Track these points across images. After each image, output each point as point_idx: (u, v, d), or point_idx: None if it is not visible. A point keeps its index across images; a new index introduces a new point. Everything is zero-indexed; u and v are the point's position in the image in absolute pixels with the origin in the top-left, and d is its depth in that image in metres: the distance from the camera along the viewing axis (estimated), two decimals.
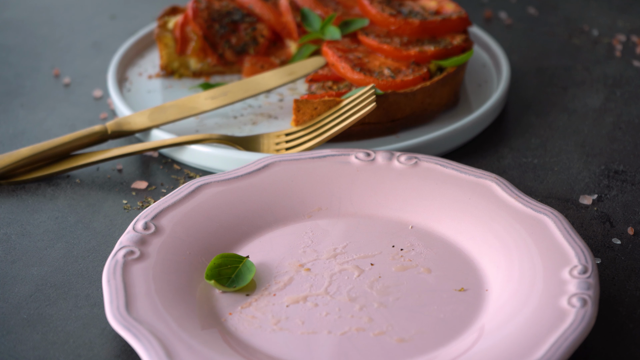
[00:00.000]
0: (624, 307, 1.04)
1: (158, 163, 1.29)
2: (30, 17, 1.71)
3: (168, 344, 0.93)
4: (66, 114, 1.41)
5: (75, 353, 0.98)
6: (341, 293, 1.03)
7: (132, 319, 0.95)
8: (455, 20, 1.40)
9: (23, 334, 1.01)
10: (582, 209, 1.20)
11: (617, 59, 1.56)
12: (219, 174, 1.16)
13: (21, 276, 1.09)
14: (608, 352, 0.99)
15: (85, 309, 1.04)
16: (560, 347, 0.92)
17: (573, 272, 1.01)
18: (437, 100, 1.34)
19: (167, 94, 1.43)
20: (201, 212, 1.11)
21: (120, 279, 1.00)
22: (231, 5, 1.46)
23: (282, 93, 1.43)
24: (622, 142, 1.34)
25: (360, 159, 1.18)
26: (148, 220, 1.08)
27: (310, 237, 1.11)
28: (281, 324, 0.99)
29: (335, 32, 1.40)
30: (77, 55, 1.58)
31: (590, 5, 1.74)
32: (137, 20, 1.68)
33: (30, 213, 1.19)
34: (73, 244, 1.14)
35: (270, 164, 1.18)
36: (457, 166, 1.17)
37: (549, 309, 0.97)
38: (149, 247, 1.05)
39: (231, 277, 1.04)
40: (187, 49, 1.44)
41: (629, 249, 1.13)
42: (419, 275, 1.05)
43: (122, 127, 1.29)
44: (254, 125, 1.35)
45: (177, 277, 1.03)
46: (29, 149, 1.25)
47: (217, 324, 0.99)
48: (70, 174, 1.27)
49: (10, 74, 1.52)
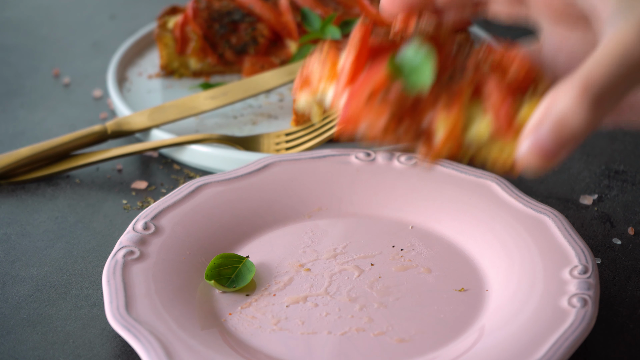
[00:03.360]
0: (624, 307, 1.04)
1: (158, 163, 1.29)
2: (30, 17, 1.71)
3: (168, 344, 0.93)
4: (66, 114, 1.41)
5: (75, 353, 0.98)
6: (341, 293, 1.03)
7: (132, 319, 0.95)
8: None
9: (23, 334, 1.01)
10: (582, 209, 1.20)
11: None
12: (219, 174, 1.16)
13: (21, 276, 1.09)
14: (608, 352, 0.99)
15: (85, 309, 1.04)
16: (561, 347, 0.92)
17: (573, 272, 1.00)
18: None
19: (167, 94, 1.43)
20: (201, 212, 1.11)
21: (120, 279, 1.00)
22: (231, 5, 1.46)
23: (282, 93, 1.43)
24: (622, 142, 1.34)
25: (360, 159, 1.18)
26: (148, 220, 1.08)
27: (310, 237, 1.11)
28: (281, 324, 0.99)
29: (335, 32, 1.39)
30: (77, 55, 1.58)
31: None
32: (137, 20, 1.68)
33: (30, 213, 1.19)
34: (73, 244, 1.14)
35: (270, 164, 1.18)
36: (457, 166, 1.17)
37: (549, 309, 0.97)
38: (149, 247, 1.05)
39: (231, 277, 1.04)
40: (187, 48, 1.44)
41: (630, 249, 1.13)
42: (419, 276, 1.05)
43: (122, 127, 1.29)
44: (254, 125, 1.35)
45: (177, 277, 1.03)
46: (29, 148, 1.25)
47: (217, 324, 0.99)
48: (70, 174, 1.27)
49: (10, 74, 1.52)
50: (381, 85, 0.83)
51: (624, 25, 0.81)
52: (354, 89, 0.84)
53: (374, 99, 0.83)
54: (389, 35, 0.89)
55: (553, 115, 0.78)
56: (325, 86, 0.88)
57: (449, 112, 0.83)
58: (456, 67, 0.85)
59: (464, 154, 0.84)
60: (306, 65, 0.89)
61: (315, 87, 0.89)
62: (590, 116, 0.78)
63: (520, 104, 0.82)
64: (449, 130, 0.83)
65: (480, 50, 0.87)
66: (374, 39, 0.88)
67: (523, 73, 0.84)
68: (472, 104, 0.83)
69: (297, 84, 0.89)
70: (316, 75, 0.88)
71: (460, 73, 0.84)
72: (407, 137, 0.83)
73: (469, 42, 0.90)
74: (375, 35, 0.88)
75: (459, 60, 0.87)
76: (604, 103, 0.78)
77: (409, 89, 0.83)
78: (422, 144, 0.84)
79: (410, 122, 0.83)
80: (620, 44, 0.80)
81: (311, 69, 0.89)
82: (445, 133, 0.83)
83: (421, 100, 0.83)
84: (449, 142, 0.83)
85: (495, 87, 0.82)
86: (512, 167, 0.83)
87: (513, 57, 0.86)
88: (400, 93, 0.83)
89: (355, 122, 0.83)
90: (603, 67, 0.79)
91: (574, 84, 0.78)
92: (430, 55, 0.83)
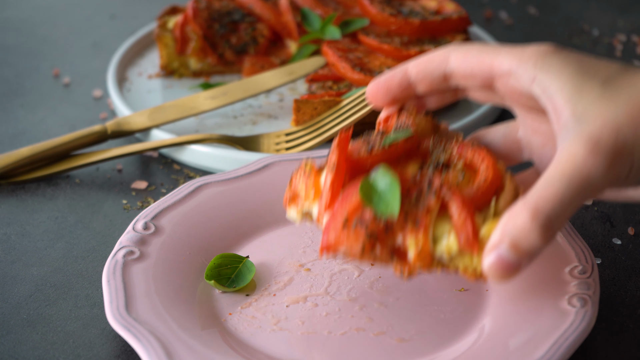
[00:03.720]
0: (624, 307, 1.04)
1: (158, 163, 1.29)
2: (30, 17, 1.71)
3: (168, 344, 0.93)
4: (66, 114, 1.41)
5: (75, 353, 0.98)
6: (341, 293, 1.03)
7: (132, 319, 0.95)
8: (456, 20, 1.40)
9: (23, 334, 1.01)
10: (582, 209, 1.20)
11: (618, 59, 1.56)
12: (219, 174, 1.16)
13: (21, 276, 1.09)
14: (608, 352, 0.99)
15: (85, 309, 1.04)
16: (560, 347, 0.92)
17: (573, 272, 1.00)
18: None
19: (167, 94, 1.43)
20: (201, 212, 1.11)
21: (120, 279, 1.00)
22: (231, 5, 1.46)
23: (282, 93, 1.43)
24: None
25: None
26: (148, 220, 1.08)
27: (310, 237, 1.11)
28: (281, 324, 0.99)
29: (335, 32, 1.40)
30: (77, 55, 1.58)
31: (591, 5, 1.74)
32: (137, 20, 1.68)
33: (30, 213, 1.19)
34: (73, 244, 1.14)
35: (270, 164, 1.18)
36: None
37: (549, 309, 0.97)
38: (149, 247, 1.05)
39: (231, 277, 1.04)
40: (187, 48, 1.44)
41: (630, 249, 1.13)
42: (419, 275, 1.05)
43: (121, 127, 1.29)
44: (254, 125, 1.35)
45: (177, 277, 1.03)
46: (29, 148, 1.25)
47: (217, 324, 0.99)
48: (70, 174, 1.27)
49: (10, 74, 1.52)
50: (355, 211, 0.91)
51: (575, 142, 0.86)
52: (331, 216, 0.92)
53: (349, 224, 0.91)
54: (369, 139, 0.98)
55: (509, 236, 0.85)
56: (310, 205, 0.97)
57: (418, 233, 0.90)
58: (423, 186, 0.92)
59: (437, 266, 0.92)
60: (292, 182, 0.98)
61: (302, 204, 0.97)
62: (542, 238, 0.84)
63: (484, 215, 0.91)
64: (419, 249, 0.90)
65: (453, 147, 0.97)
66: (352, 150, 0.96)
67: (488, 182, 0.92)
68: (440, 220, 0.91)
69: (286, 199, 0.98)
70: (302, 194, 0.97)
71: (428, 187, 0.92)
72: (382, 257, 0.91)
73: (443, 138, 0.99)
74: (354, 144, 0.97)
75: (432, 161, 0.96)
76: (554, 224, 0.84)
77: (380, 214, 0.91)
78: (397, 261, 0.91)
79: (384, 243, 0.91)
80: (569, 163, 0.85)
81: (296, 187, 0.97)
82: (416, 252, 0.90)
83: (392, 222, 0.91)
84: (420, 260, 0.91)
85: (460, 206, 0.90)
86: (481, 276, 0.90)
87: (481, 158, 0.95)
88: (372, 218, 0.91)
89: (335, 247, 0.92)
90: (552, 191, 0.84)
91: (526, 207, 0.84)
92: (395, 184, 0.91)
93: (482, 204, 0.92)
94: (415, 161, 0.97)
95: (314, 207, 0.96)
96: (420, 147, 0.98)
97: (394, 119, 1.01)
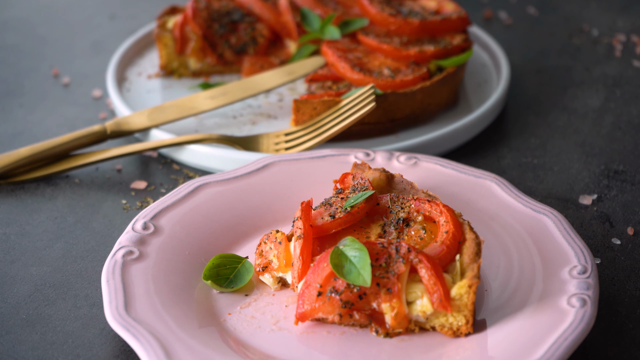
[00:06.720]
0: (624, 307, 1.04)
1: (157, 163, 1.29)
2: (30, 17, 1.71)
3: (167, 344, 0.93)
4: (65, 114, 1.41)
5: (74, 353, 0.98)
6: None
7: (131, 319, 0.95)
8: (455, 20, 1.40)
9: (22, 334, 1.01)
10: (581, 209, 1.20)
11: (617, 59, 1.56)
12: (218, 174, 1.16)
13: (20, 276, 1.09)
14: (608, 352, 0.99)
15: (84, 309, 1.04)
16: (560, 347, 0.92)
17: (573, 272, 1.00)
18: (436, 100, 1.34)
19: (166, 94, 1.43)
20: (200, 212, 1.11)
21: (120, 279, 1.00)
22: (231, 5, 1.46)
23: (281, 93, 1.43)
24: (622, 142, 1.34)
25: (360, 159, 1.18)
26: (147, 220, 1.08)
27: None
28: (280, 324, 0.99)
29: (334, 32, 1.39)
30: (76, 55, 1.58)
31: (590, 5, 1.74)
32: (136, 20, 1.68)
33: (29, 213, 1.19)
34: (72, 244, 1.14)
35: (269, 164, 1.18)
36: (457, 166, 1.17)
37: (549, 309, 0.97)
38: (148, 247, 1.05)
39: (229, 277, 1.04)
40: (186, 48, 1.44)
41: (629, 249, 1.13)
42: None
43: (121, 127, 1.29)
44: (254, 125, 1.35)
45: (176, 277, 1.03)
46: (28, 148, 1.25)
47: (216, 324, 0.99)
48: (69, 174, 1.27)
49: (10, 74, 1.52)
50: (327, 280, 0.96)
51: None
52: (304, 285, 0.97)
53: (323, 293, 0.96)
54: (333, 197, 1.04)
55: None
56: (284, 272, 1.02)
57: (392, 299, 0.95)
58: (391, 252, 0.96)
59: (414, 325, 0.97)
60: (262, 250, 1.03)
61: (275, 274, 1.02)
62: None
63: (452, 273, 0.96)
64: (395, 314, 0.95)
65: (410, 202, 1.02)
66: (315, 215, 1.01)
67: (450, 236, 0.98)
68: (411, 283, 0.96)
69: (259, 266, 1.03)
70: (274, 263, 1.02)
71: (396, 253, 0.96)
72: (360, 321, 0.97)
73: (399, 192, 1.05)
74: (317, 210, 1.02)
75: (392, 219, 1.02)
76: None
77: (352, 284, 0.95)
78: (375, 323, 0.96)
79: (361, 309, 0.96)
80: None
81: (268, 256, 1.02)
82: (392, 317, 0.96)
83: (366, 290, 0.95)
84: (397, 323, 0.96)
85: (429, 269, 0.94)
86: (460, 331, 0.96)
87: (439, 211, 1.00)
88: (346, 287, 0.95)
89: (312, 315, 0.96)
90: None
91: None
92: (364, 254, 0.95)
93: (447, 261, 0.97)
94: (377, 221, 1.03)
95: (287, 274, 1.02)
96: (379, 204, 1.04)
97: (349, 177, 1.07)
